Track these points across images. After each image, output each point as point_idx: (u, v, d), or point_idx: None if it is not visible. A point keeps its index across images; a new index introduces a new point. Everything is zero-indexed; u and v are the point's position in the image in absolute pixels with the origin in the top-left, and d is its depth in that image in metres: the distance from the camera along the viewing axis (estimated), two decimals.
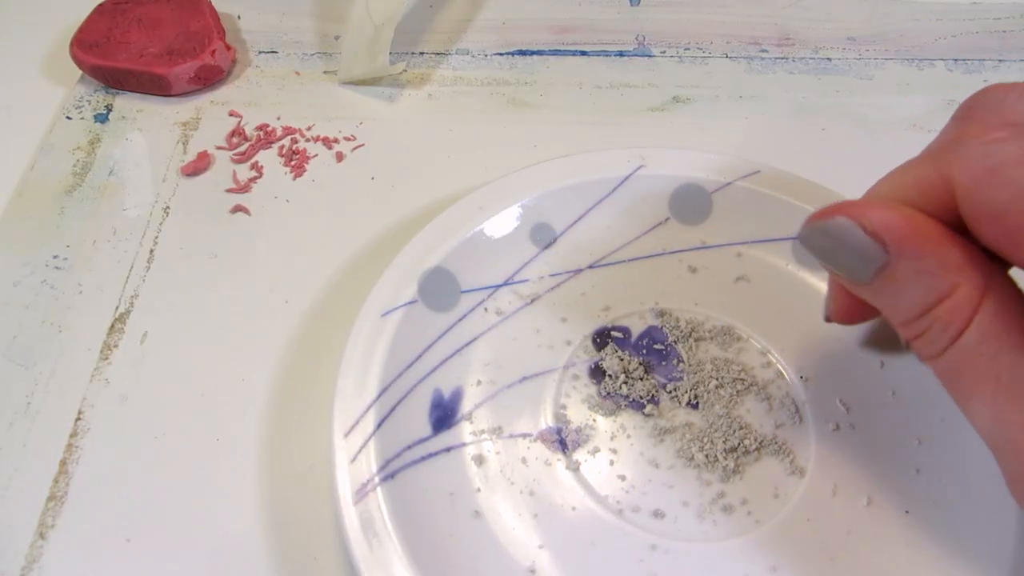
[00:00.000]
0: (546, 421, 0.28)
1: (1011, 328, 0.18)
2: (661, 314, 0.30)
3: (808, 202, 0.31)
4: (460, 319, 0.30)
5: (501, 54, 0.42)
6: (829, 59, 0.42)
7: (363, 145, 0.38)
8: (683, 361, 0.29)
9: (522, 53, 0.42)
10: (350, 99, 0.40)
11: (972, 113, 0.22)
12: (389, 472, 0.25)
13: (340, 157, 0.37)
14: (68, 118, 0.39)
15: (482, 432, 0.27)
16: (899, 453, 0.27)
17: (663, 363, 0.29)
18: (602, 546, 0.25)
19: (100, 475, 0.28)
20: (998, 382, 0.18)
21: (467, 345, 0.29)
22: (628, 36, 0.43)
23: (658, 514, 0.26)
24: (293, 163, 0.37)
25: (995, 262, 0.19)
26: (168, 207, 0.35)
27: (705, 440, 0.27)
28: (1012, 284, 0.18)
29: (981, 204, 0.19)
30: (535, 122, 0.39)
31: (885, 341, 0.29)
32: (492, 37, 0.43)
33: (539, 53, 0.42)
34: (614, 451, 0.27)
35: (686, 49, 0.42)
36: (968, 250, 0.19)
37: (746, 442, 0.27)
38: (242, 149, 0.37)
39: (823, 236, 0.21)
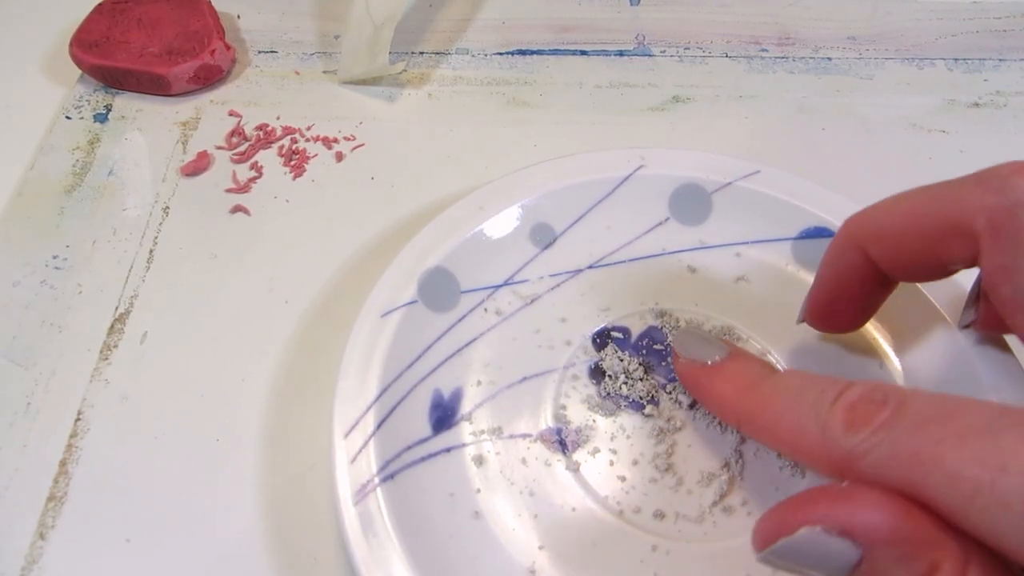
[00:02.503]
0: (546, 421, 0.28)
1: None
2: (661, 314, 0.30)
3: (808, 202, 0.31)
4: (460, 319, 0.30)
5: (501, 54, 0.42)
6: (829, 59, 0.42)
7: (363, 145, 0.38)
8: None
9: (522, 52, 0.42)
10: (350, 99, 0.40)
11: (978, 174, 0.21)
12: (389, 473, 0.25)
13: (340, 157, 0.37)
14: (68, 118, 0.39)
15: (482, 432, 0.27)
16: None
17: (663, 363, 0.29)
18: (602, 547, 0.25)
19: (100, 475, 0.28)
20: None
21: (467, 345, 0.29)
22: (628, 35, 0.43)
23: (658, 515, 0.26)
24: (293, 163, 0.37)
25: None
26: (168, 207, 0.35)
27: (705, 440, 0.27)
28: (988, 550, 0.17)
29: (1014, 244, 0.18)
30: (535, 122, 0.39)
31: None
32: (492, 36, 0.43)
33: (539, 52, 0.42)
34: (614, 451, 0.27)
35: (686, 49, 0.42)
36: (938, 520, 0.17)
37: (746, 442, 0.27)
38: (242, 149, 0.37)
39: (790, 554, 0.18)
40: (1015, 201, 0.19)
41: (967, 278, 0.25)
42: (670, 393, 0.28)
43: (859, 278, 0.25)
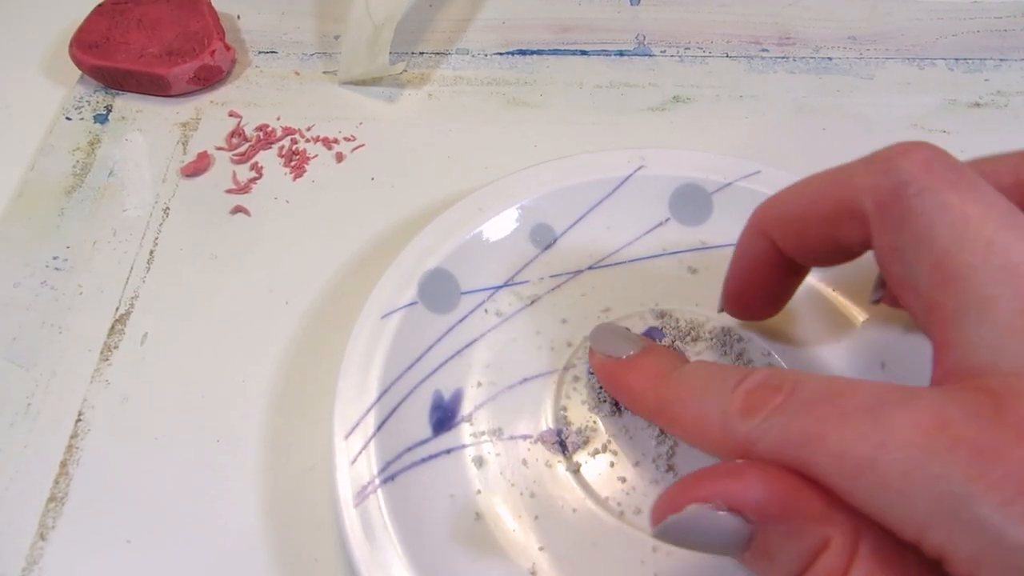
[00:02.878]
0: (546, 423, 0.28)
1: (891, 569, 0.17)
2: (661, 315, 0.30)
3: None
4: (460, 320, 0.30)
5: (501, 54, 0.42)
6: (829, 58, 0.42)
7: (363, 145, 0.38)
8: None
9: (522, 53, 0.42)
10: (350, 99, 0.40)
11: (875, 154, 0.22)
12: (389, 474, 0.25)
13: (340, 157, 0.37)
14: (68, 119, 0.39)
15: (482, 434, 0.27)
16: None
17: None
18: (603, 548, 0.25)
19: (100, 476, 0.28)
20: None
21: (467, 347, 0.29)
22: (628, 35, 0.43)
23: None
24: (293, 163, 0.37)
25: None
26: (168, 208, 0.35)
27: None
28: (878, 527, 0.17)
29: (899, 225, 0.19)
30: (535, 122, 0.39)
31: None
32: (492, 37, 0.43)
33: (539, 53, 0.42)
34: (615, 453, 0.27)
35: (686, 48, 0.42)
36: (829, 496, 0.17)
37: None
38: (242, 149, 0.37)
39: (680, 531, 0.18)
40: (899, 182, 0.19)
41: None
42: None
43: (767, 264, 0.25)
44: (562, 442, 0.27)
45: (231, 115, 0.39)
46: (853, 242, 0.22)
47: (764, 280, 0.26)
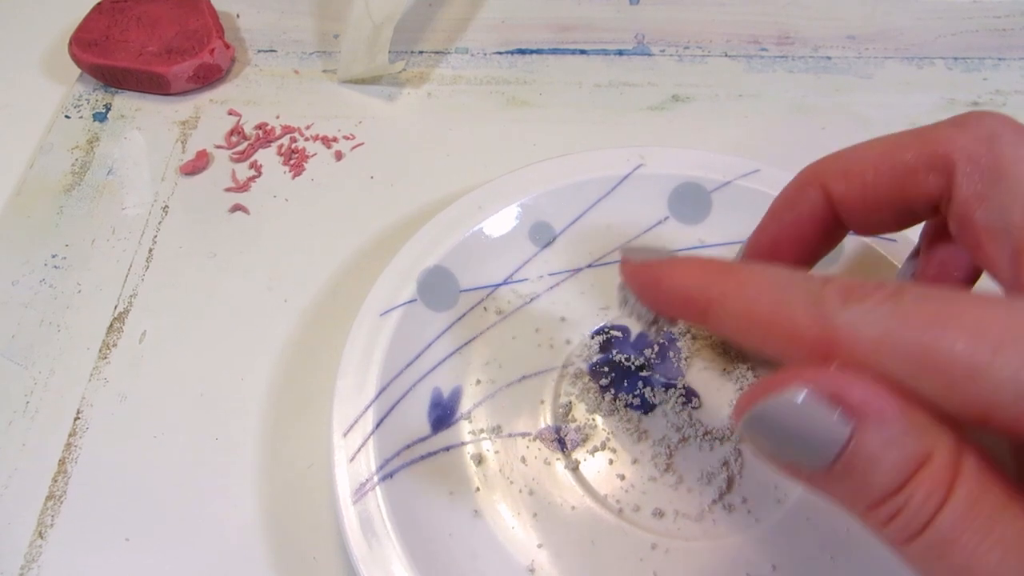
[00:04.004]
0: (545, 420, 0.28)
1: (996, 484, 0.16)
2: None
3: None
4: (459, 318, 0.30)
5: (500, 53, 0.42)
6: (829, 58, 0.42)
7: (362, 144, 0.38)
8: (682, 360, 0.29)
9: (521, 52, 0.42)
10: (349, 98, 0.40)
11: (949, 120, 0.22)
12: (388, 471, 0.25)
13: (339, 156, 0.37)
14: (67, 117, 0.39)
15: (481, 431, 0.27)
16: None
17: (662, 362, 0.29)
18: (602, 545, 0.25)
19: (99, 474, 0.28)
20: (1004, 544, 0.15)
21: (466, 344, 0.29)
22: (627, 35, 0.43)
23: (658, 513, 0.26)
24: (292, 162, 0.37)
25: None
26: (167, 206, 0.35)
27: (704, 439, 0.27)
28: (979, 447, 0.16)
29: (991, 172, 0.19)
30: (534, 121, 0.39)
31: None
32: (491, 36, 0.43)
33: (538, 52, 0.42)
34: (613, 450, 0.27)
35: (686, 48, 0.42)
36: (929, 409, 0.16)
37: (746, 442, 0.27)
38: (241, 148, 0.37)
39: (770, 422, 0.17)
40: (992, 134, 0.20)
41: None
42: (670, 392, 0.28)
43: (811, 219, 0.24)
44: (561, 440, 0.27)
45: (230, 113, 0.39)
46: (926, 196, 0.21)
47: (800, 234, 0.24)
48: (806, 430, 0.16)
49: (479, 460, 0.27)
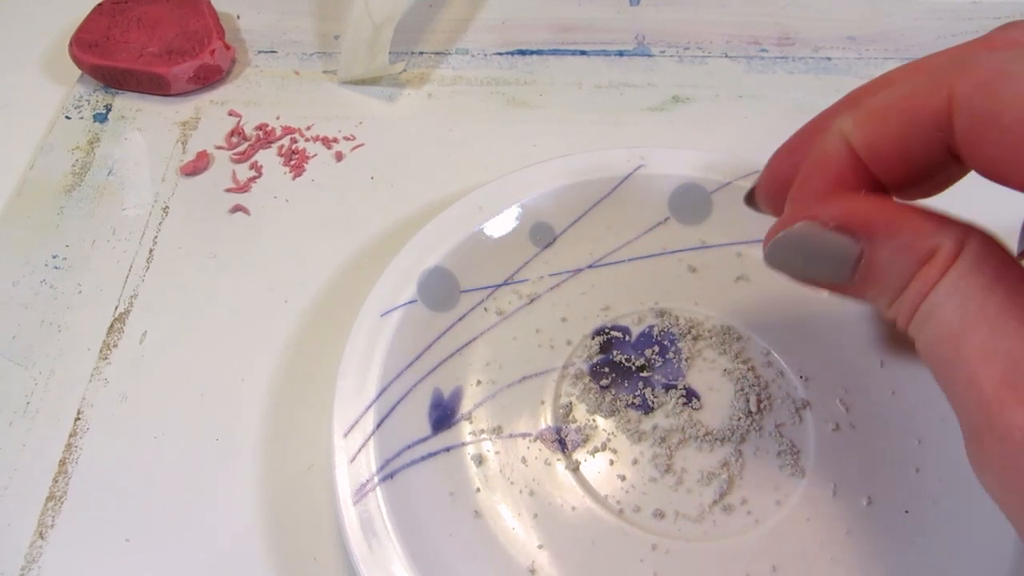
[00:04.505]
0: (546, 421, 0.28)
1: (993, 267, 0.17)
2: (661, 314, 0.30)
3: None
4: (460, 319, 0.30)
5: (501, 53, 0.42)
6: (829, 59, 0.42)
7: (362, 145, 0.38)
8: (683, 361, 0.29)
9: (522, 52, 0.42)
10: (349, 99, 0.40)
11: (980, 40, 0.21)
12: (389, 472, 0.25)
13: (339, 157, 0.37)
14: (67, 118, 0.39)
15: (482, 432, 0.27)
16: (899, 453, 0.27)
17: (663, 363, 0.29)
18: (602, 546, 0.25)
19: (99, 475, 0.28)
20: (984, 313, 0.17)
21: (467, 345, 0.29)
22: (628, 35, 0.43)
23: (658, 514, 0.26)
24: (292, 163, 0.37)
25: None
26: (167, 207, 0.35)
27: (705, 440, 0.27)
28: (988, 234, 0.17)
29: (981, 112, 0.17)
30: (535, 122, 0.39)
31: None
32: (492, 36, 0.43)
33: (539, 52, 0.42)
34: (614, 451, 0.27)
35: (686, 49, 0.42)
36: (936, 215, 0.18)
37: (746, 442, 0.27)
38: (241, 149, 0.37)
39: (789, 249, 0.20)
40: (990, 77, 0.18)
41: None
42: (670, 393, 0.28)
43: (834, 161, 0.21)
44: (561, 440, 0.27)
45: (231, 114, 0.39)
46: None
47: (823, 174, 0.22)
48: (823, 252, 0.19)
49: (480, 461, 0.27)
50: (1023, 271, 0.17)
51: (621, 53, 0.42)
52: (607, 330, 0.30)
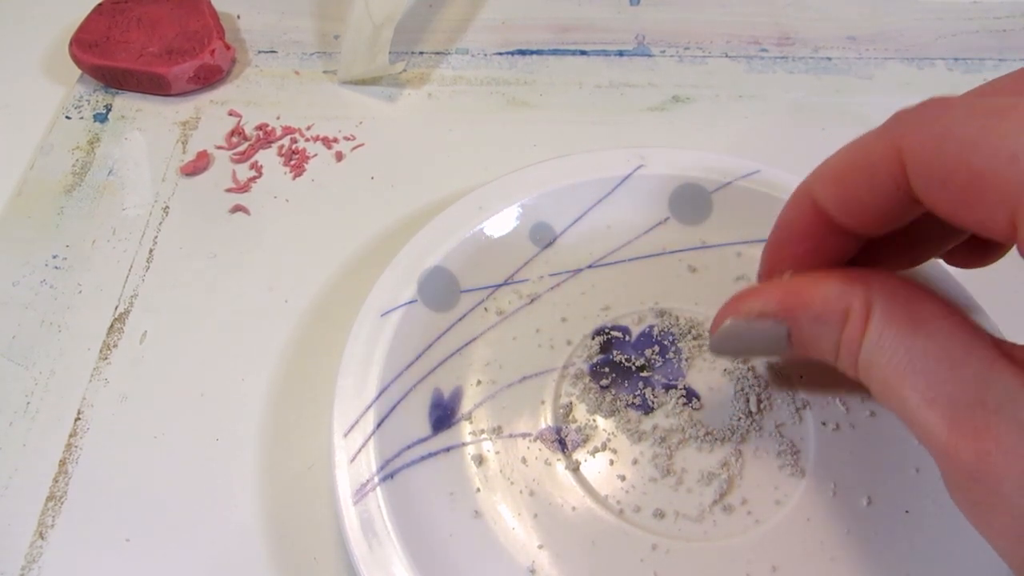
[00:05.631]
0: (546, 421, 0.28)
1: (903, 313, 0.19)
2: (661, 314, 0.30)
3: None
4: (460, 319, 0.30)
5: (501, 53, 0.42)
6: (829, 58, 0.42)
7: (363, 145, 0.38)
8: (683, 361, 0.29)
9: (522, 52, 0.42)
10: (350, 99, 0.40)
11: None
12: (389, 472, 0.25)
13: (340, 157, 0.37)
14: (67, 118, 0.39)
15: (482, 432, 0.27)
16: (899, 453, 0.27)
17: (663, 363, 0.29)
18: (602, 546, 0.25)
19: (99, 475, 0.28)
20: (911, 353, 0.19)
21: (467, 345, 0.29)
22: (628, 35, 0.43)
23: (658, 514, 0.26)
24: (293, 163, 0.37)
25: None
26: (167, 207, 0.35)
27: (705, 440, 0.27)
28: (889, 286, 0.19)
29: (929, 169, 0.18)
30: (535, 121, 0.39)
31: None
32: (492, 36, 0.43)
33: (539, 52, 0.42)
34: (614, 451, 0.27)
35: (686, 48, 0.42)
36: (844, 272, 0.20)
37: (746, 442, 0.27)
38: (241, 149, 0.37)
39: (727, 341, 0.22)
40: (942, 133, 0.19)
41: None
42: (670, 393, 0.28)
43: (806, 227, 0.23)
44: (561, 440, 0.27)
45: (231, 114, 0.39)
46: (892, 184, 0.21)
47: (805, 251, 0.24)
48: (758, 338, 0.22)
49: (480, 461, 0.27)
50: (933, 301, 0.19)
51: (621, 53, 0.42)
52: (607, 330, 0.30)
